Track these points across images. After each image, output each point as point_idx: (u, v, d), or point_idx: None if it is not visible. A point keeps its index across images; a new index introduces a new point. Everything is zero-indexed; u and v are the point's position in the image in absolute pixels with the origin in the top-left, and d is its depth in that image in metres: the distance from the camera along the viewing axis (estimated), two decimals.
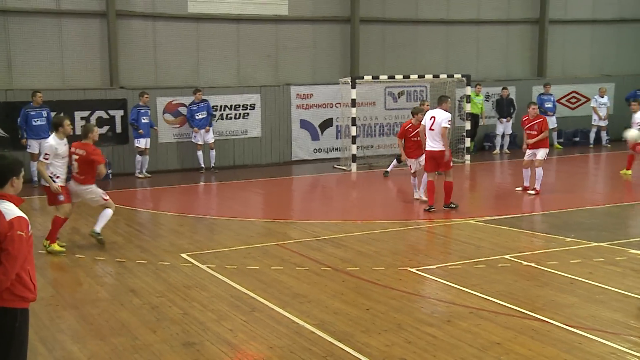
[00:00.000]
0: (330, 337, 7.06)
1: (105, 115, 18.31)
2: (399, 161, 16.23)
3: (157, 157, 18.57)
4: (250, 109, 19.76)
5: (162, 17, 19.03)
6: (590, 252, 10.12)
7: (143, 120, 17.79)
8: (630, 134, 14.20)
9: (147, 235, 11.90)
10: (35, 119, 16.59)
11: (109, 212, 10.73)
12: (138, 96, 17.93)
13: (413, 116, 14.07)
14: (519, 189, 14.87)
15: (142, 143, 17.86)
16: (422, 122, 13.14)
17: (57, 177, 10.39)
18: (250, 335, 7.22)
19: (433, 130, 12.76)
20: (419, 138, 13.56)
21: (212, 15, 19.51)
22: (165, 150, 18.92)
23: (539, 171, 14.40)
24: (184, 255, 10.30)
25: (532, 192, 14.43)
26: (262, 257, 10.12)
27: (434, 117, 12.80)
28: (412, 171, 14.11)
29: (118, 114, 18.35)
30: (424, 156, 13.36)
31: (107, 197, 10.77)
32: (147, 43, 18.97)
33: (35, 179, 15.95)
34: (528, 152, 14.61)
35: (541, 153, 14.44)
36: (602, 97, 22.16)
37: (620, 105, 22.25)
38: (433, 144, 12.80)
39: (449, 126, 12.83)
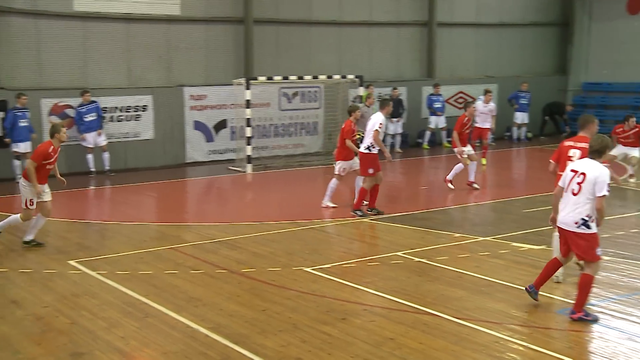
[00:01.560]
0: (226, 339, 7.02)
1: None
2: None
3: None
4: (142, 111, 19.31)
5: (45, 15, 18.24)
6: (477, 246, 10.54)
7: (20, 124, 16.94)
8: None
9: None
10: None
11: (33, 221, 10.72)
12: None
13: (350, 115, 13.30)
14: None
15: (21, 147, 16.97)
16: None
17: None
18: (143, 342, 7.06)
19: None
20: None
21: (100, 13, 18.90)
22: None
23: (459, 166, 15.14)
24: (72, 262, 9.94)
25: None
26: (155, 262, 9.92)
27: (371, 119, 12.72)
28: (336, 172, 13.43)
29: None
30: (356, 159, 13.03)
31: (30, 206, 10.54)
32: (29, 42, 18.13)
33: None
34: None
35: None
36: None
37: (503, 105, 23.24)
38: (363, 147, 12.65)
39: (379, 129, 12.47)
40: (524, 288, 8.08)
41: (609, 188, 7.28)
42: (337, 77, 20.25)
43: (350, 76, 20.26)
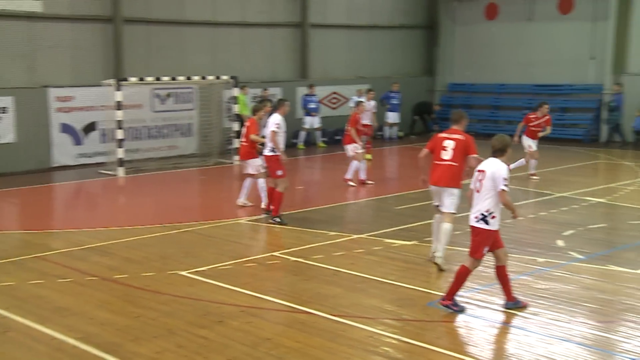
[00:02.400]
0: (97, 349, 6.78)
1: None
2: None
3: None
4: (2, 113, 18.26)
5: None
6: (352, 243, 10.74)
7: None
8: None
9: None
10: None
11: None
12: None
13: (254, 114, 13.15)
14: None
15: None
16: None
17: None
18: (3, 358, 6.68)
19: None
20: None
21: None
22: None
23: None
24: None
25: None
26: (18, 272, 9.40)
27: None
28: (246, 171, 13.32)
29: None
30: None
31: None
32: None
33: None
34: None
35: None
36: (360, 97, 23.56)
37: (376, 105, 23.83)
38: (266, 149, 12.27)
39: (276, 130, 12.11)
40: (402, 284, 8.33)
41: (507, 183, 7.53)
42: (211, 78, 20.03)
43: (225, 77, 20.10)
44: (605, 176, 16.36)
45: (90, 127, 19.50)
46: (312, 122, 22.96)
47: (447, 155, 9.17)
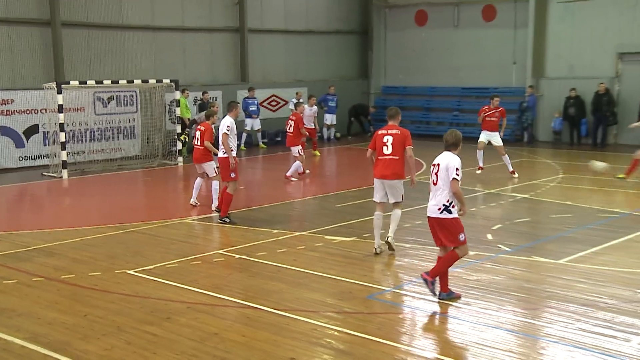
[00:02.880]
0: (45, 348, 6.66)
1: None
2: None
3: None
4: None
5: None
6: (294, 240, 10.81)
7: None
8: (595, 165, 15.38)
9: None
10: None
11: None
12: None
13: (208, 119, 13.21)
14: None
15: None
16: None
17: None
18: None
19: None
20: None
21: None
22: None
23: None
24: None
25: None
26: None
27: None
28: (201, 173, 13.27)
29: None
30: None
31: None
32: None
33: None
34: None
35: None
36: (299, 100, 23.66)
37: None
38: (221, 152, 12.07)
39: (227, 132, 11.84)
40: (342, 278, 8.43)
41: (460, 173, 7.76)
42: (152, 81, 19.78)
43: (166, 80, 19.89)
44: (528, 174, 16.87)
45: (32, 130, 18.99)
46: (253, 124, 22.91)
47: (387, 150, 9.61)
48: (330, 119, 24.94)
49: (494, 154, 16.82)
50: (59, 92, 17.47)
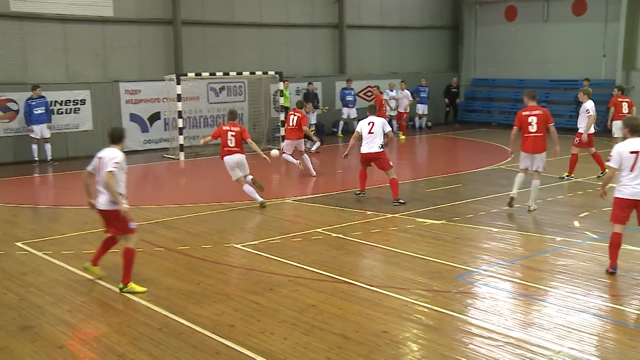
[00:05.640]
0: (165, 310, 6.90)
1: None
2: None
3: None
4: (80, 104, 18.61)
5: None
6: (387, 222, 10.71)
7: None
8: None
9: None
10: None
11: None
12: None
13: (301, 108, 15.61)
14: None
15: None
16: (359, 128, 12.50)
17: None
18: (88, 314, 6.87)
19: (372, 133, 12.06)
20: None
21: (37, 14, 18.03)
22: None
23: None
24: (19, 243, 9.52)
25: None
26: (98, 242, 9.43)
27: (373, 123, 12.10)
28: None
29: None
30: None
31: None
32: None
33: None
34: None
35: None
36: (392, 90, 23.44)
37: None
38: (368, 149, 12.12)
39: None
40: (432, 259, 8.28)
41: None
42: (259, 73, 20.08)
43: (271, 72, 20.14)
44: None
45: (155, 117, 19.76)
46: (350, 112, 22.89)
47: (533, 128, 10.73)
48: (422, 109, 24.57)
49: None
50: (178, 83, 18.05)
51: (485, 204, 11.75)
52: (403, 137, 21.73)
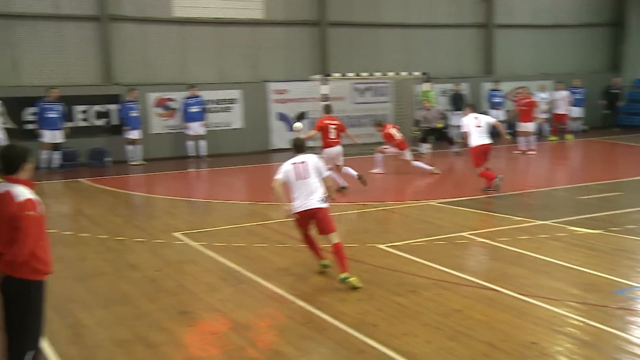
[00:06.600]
0: (310, 305, 7.06)
1: (102, 109, 18.09)
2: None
3: (149, 146, 18.38)
4: (232, 103, 19.64)
5: (151, 21, 18.76)
6: (536, 229, 10.23)
7: (132, 114, 17.60)
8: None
9: (143, 216, 11.80)
10: (49, 112, 16.49)
11: None
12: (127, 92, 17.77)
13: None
14: None
15: (133, 134, 17.69)
16: (465, 124, 12.97)
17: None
18: (238, 304, 7.19)
19: (480, 127, 12.71)
20: None
21: (195, 19, 19.28)
22: (157, 140, 18.73)
23: None
24: (176, 234, 10.20)
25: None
26: (247, 236, 10.06)
27: (477, 118, 12.87)
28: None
29: (113, 107, 18.13)
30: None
31: None
32: (137, 44, 18.70)
33: (44, 165, 16.02)
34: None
35: None
36: (543, 92, 22.41)
37: None
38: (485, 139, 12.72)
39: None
40: (587, 270, 7.80)
41: None
42: (404, 73, 20.03)
43: (416, 73, 20.00)
44: None
45: (301, 116, 20.37)
46: (497, 115, 22.11)
47: None
48: (576, 111, 23.22)
49: None
50: (324, 83, 18.46)
51: None
52: (569, 137, 21.13)
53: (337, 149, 12.80)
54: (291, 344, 6.10)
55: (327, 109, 13.57)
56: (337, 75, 19.14)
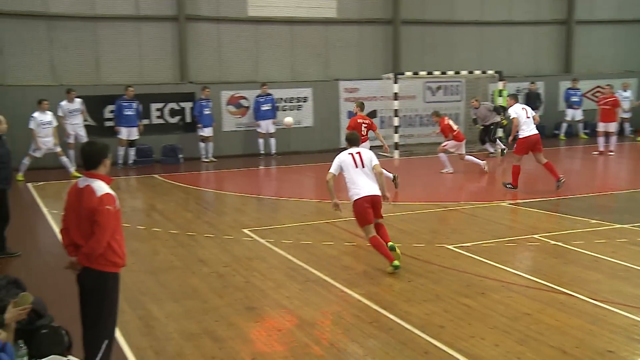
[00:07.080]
0: (376, 305, 7.04)
1: (176, 107, 18.61)
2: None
3: (221, 143, 18.78)
4: (303, 102, 19.81)
5: (226, 20, 19.17)
6: (614, 233, 9.84)
7: (205, 112, 18.02)
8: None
9: (213, 212, 12.06)
10: (126, 110, 17.09)
11: None
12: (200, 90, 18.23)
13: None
14: None
15: (205, 132, 18.11)
16: (517, 114, 13.02)
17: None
18: (304, 301, 7.25)
19: (529, 118, 12.87)
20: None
21: (269, 18, 19.55)
22: (229, 138, 19.12)
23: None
24: (245, 230, 10.39)
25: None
26: (314, 234, 10.13)
27: (525, 109, 13.03)
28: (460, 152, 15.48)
29: (187, 105, 18.63)
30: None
31: None
32: (212, 43, 19.15)
33: (120, 161, 16.62)
34: None
35: None
36: (625, 91, 21.50)
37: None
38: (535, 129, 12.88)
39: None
40: None
41: None
42: (477, 72, 19.65)
43: (490, 71, 19.59)
44: None
45: (371, 115, 20.24)
46: (574, 114, 21.43)
47: None
48: None
49: None
50: (395, 81, 18.37)
51: None
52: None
53: (366, 144, 13.01)
54: (356, 343, 6.11)
55: (362, 107, 13.92)
56: (408, 73, 19.00)
